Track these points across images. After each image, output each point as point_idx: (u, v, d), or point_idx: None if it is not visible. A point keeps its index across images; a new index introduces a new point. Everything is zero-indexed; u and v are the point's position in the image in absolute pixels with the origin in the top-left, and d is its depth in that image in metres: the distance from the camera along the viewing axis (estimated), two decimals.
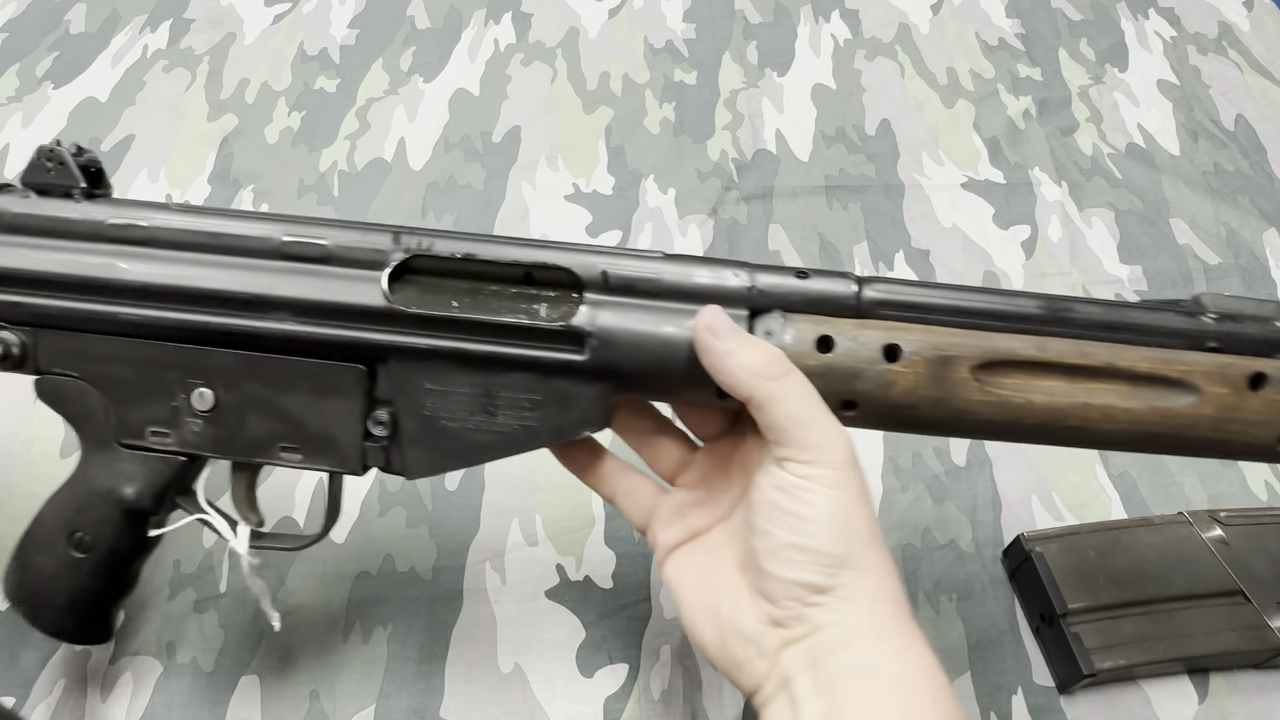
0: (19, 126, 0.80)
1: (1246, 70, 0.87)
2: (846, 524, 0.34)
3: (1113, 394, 0.36)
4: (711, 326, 0.35)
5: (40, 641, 0.51)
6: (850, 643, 0.33)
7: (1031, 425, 0.36)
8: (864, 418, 0.37)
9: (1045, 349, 0.36)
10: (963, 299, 0.37)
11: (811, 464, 0.34)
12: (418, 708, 0.49)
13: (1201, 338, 0.37)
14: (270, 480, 0.58)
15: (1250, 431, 0.36)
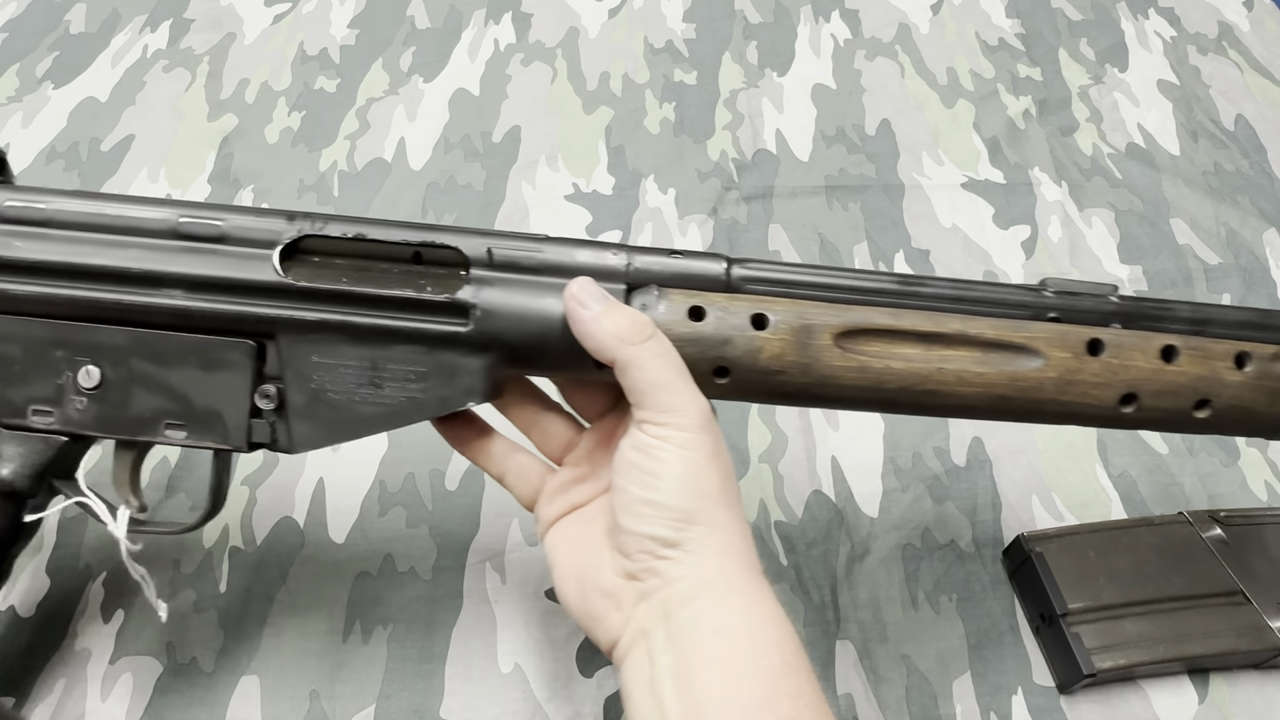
0: (19, 126, 0.80)
1: (1246, 70, 0.87)
2: (696, 481, 0.35)
3: (966, 360, 0.39)
4: (578, 294, 0.36)
5: (40, 641, 0.51)
6: (698, 595, 0.35)
7: (893, 389, 0.38)
8: (737, 385, 0.39)
9: (901, 318, 0.39)
10: (825, 276, 0.39)
11: (666, 425, 0.35)
12: (418, 708, 0.49)
13: (1043, 309, 0.39)
14: (270, 480, 0.58)
15: (1093, 394, 0.39)
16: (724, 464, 0.37)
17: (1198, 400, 0.39)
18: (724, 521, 0.36)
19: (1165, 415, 0.40)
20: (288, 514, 0.56)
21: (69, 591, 0.53)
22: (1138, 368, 0.39)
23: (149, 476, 0.57)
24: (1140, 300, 0.40)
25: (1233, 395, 0.39)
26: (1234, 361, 0.39)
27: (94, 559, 0.54)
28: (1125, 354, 0.39)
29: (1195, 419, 0.40)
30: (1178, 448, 0.60)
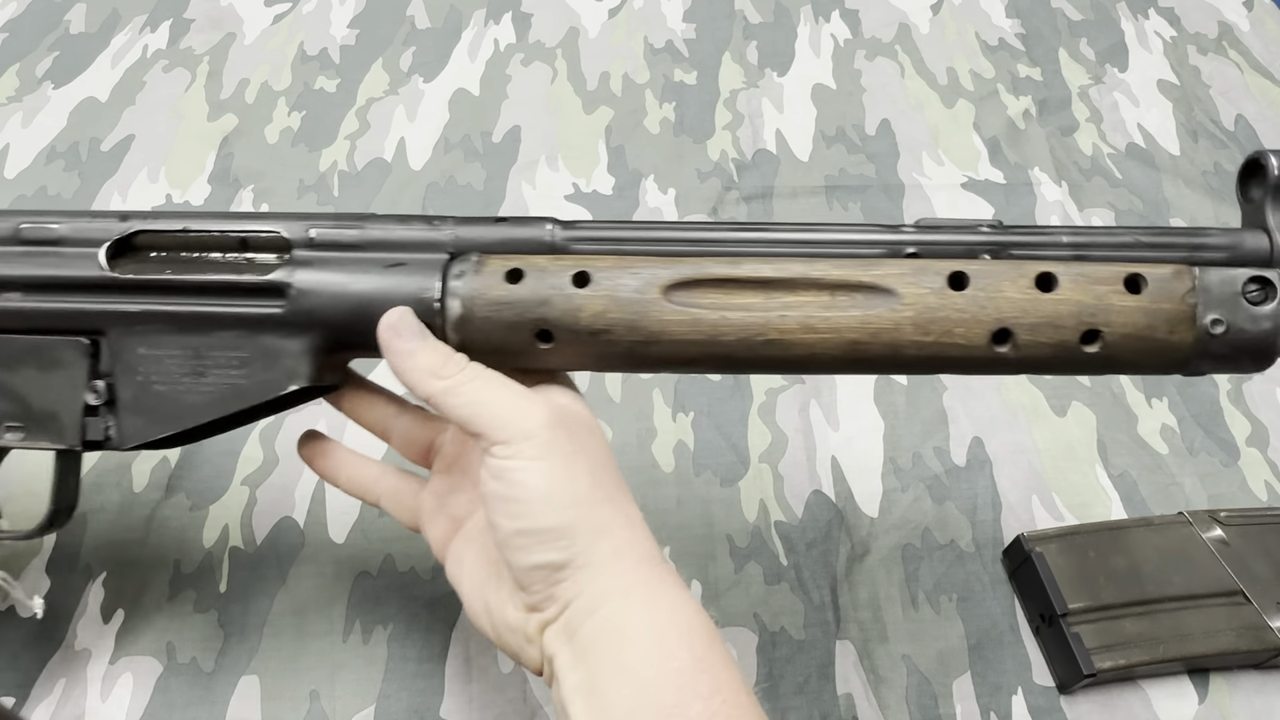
0: (19, 126, 0.80)
1: (1246, 70, 0.87)
2: (561, 491, 0.33)
3: (811, 305, 0.35)
4: (395, 326, 0.35)
5: (40, 641, 0.51)
6: (599, 607, 0.33)
7: (731, 342, 0.35)
8: (563, 351, 0.36)
9: (739, 266, 0.36)
10: (658, 230, 0.37)
11: (510, 441, 0.33)
12: (418, 708, 0.49)
13: (900, 246, 0.36)
14: (270, 480, 0.58)
15: (958, 332, 0.35)
16: (589, 456, 0.35)
17: (1085, 332, 0.34)
18: (607, 520, 0.34)
19: (1049, 352, 0.35)
20: (288, 514, 0.56)
21: (69, 591, 0.53)
22: (1009, 299, 0.35)
23: (149, 476, 0.58)
24: (1013, 228, 0.37)
25: (1126, 323, 0.34)
26: (1125, 285, 0.35)
27: (94, 559, 0.54)
28: (994, 285, 0.35)
29: (1085, 354, 0.35)
30: (1178, 448, 0.60)
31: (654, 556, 0.35)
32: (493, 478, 0.34)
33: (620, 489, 0.36)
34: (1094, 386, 0.63)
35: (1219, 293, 0.34)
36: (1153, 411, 0.62)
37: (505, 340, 0.36)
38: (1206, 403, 0.63)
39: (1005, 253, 0.36)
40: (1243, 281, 0.34)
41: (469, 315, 0.36)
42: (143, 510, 0.56)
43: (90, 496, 0.57)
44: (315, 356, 0.38)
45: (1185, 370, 0.36)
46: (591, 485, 0.34)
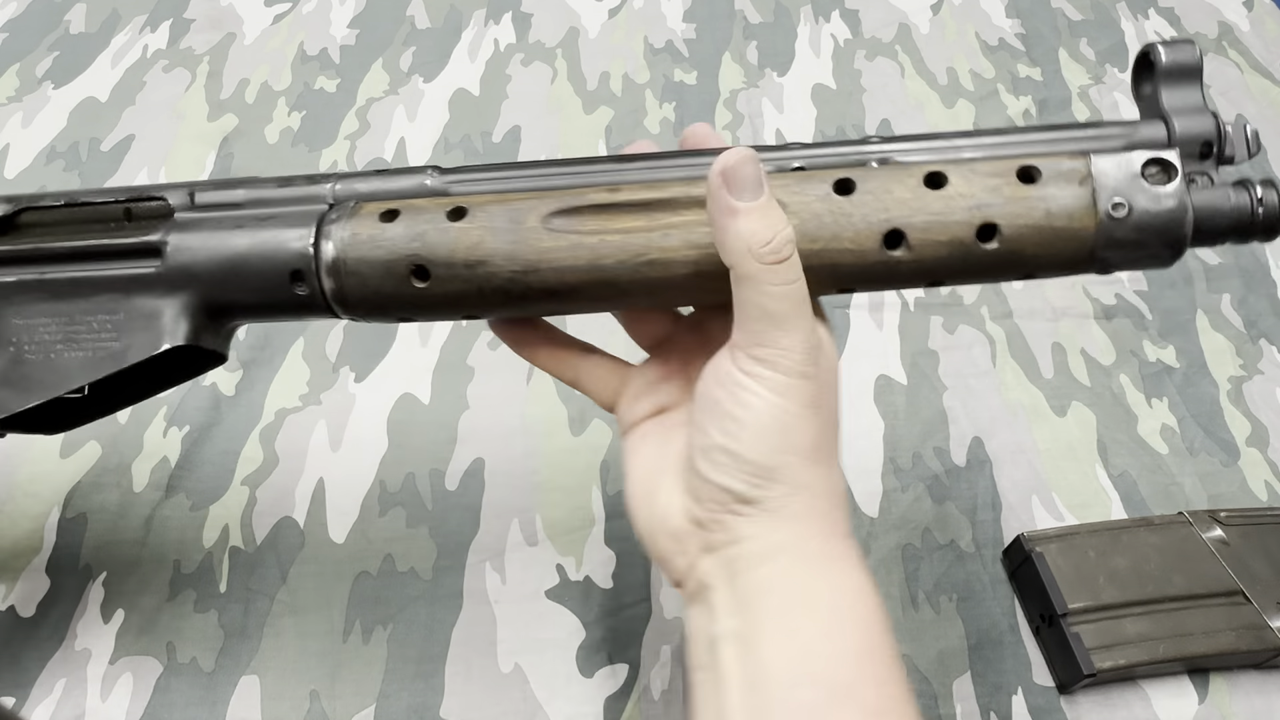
0: (19, 126, 0.80)
1: (1246, 70, 0.87)
2: (785, 435, 0.32)
3: (694, 224, 0.34)
4: (728, 171, 0.31)
5: (40, 641, 0.51)
6: (770, 560, 0.32)
7: (612, 265, 0.34)
8: (441, 288, 0.35)
9: (619, 191, 0.35)
10: (541, 169, 0.37)
11: (761, 362, 0.31)
12: (418, 708, 0.49)
13: (787, 162, 0.36)
14: (270, 480, 0.58)
15: (847, 238, 0.33)
16: (824, 414, 0.33)
17: (980, 226, 0.33)
18: (811, 481, 0.32)
19: (945, 252, 0.33)
20: (288, 514, 0.56)
21: (69, 591, 0.53)
22: (898, 199, 0.33)
23: (149, 476, 0.58)
24: (902, 137, 0.36)
25: (1024, 214, 0.33)
26: (1019, 177, 0.33)
27: (94, 559, 0.54)
28: (882, 187, 0.33)
29: (984, 252, 0.33)
30: (1178, 448, 0.60)
31: (843, 531, 0.33)
32: (719, 384, 0.32)
33: (834, 455, 0.34)
34: (1094, 387, 0.63)
35: (1117, 176, 0.33)
36: (1153, 411, 0.62)
37: (381, 281, 0.35)
38: (1206, 403, 0.63)
39: (893, 160, 0.35)
40: (1141, 163, 0.33)
41: (342, 258, 0.35)
42: (143, 510, 0.56)
43: (90, 496, 0.57)
44: (193, 316, 0.37)
45: (1096, 265, 0.34)
46: (814, 444, 0.32)
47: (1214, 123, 0.35)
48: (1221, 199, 0.34)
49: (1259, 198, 0.34)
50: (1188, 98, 0.35)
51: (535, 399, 0.62)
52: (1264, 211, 0.34)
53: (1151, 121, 0.35)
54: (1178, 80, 0.35)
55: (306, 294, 0.36)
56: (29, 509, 0.56)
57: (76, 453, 0.59)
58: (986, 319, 0.67)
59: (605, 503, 0.57)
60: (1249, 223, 0.34)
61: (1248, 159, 0.35)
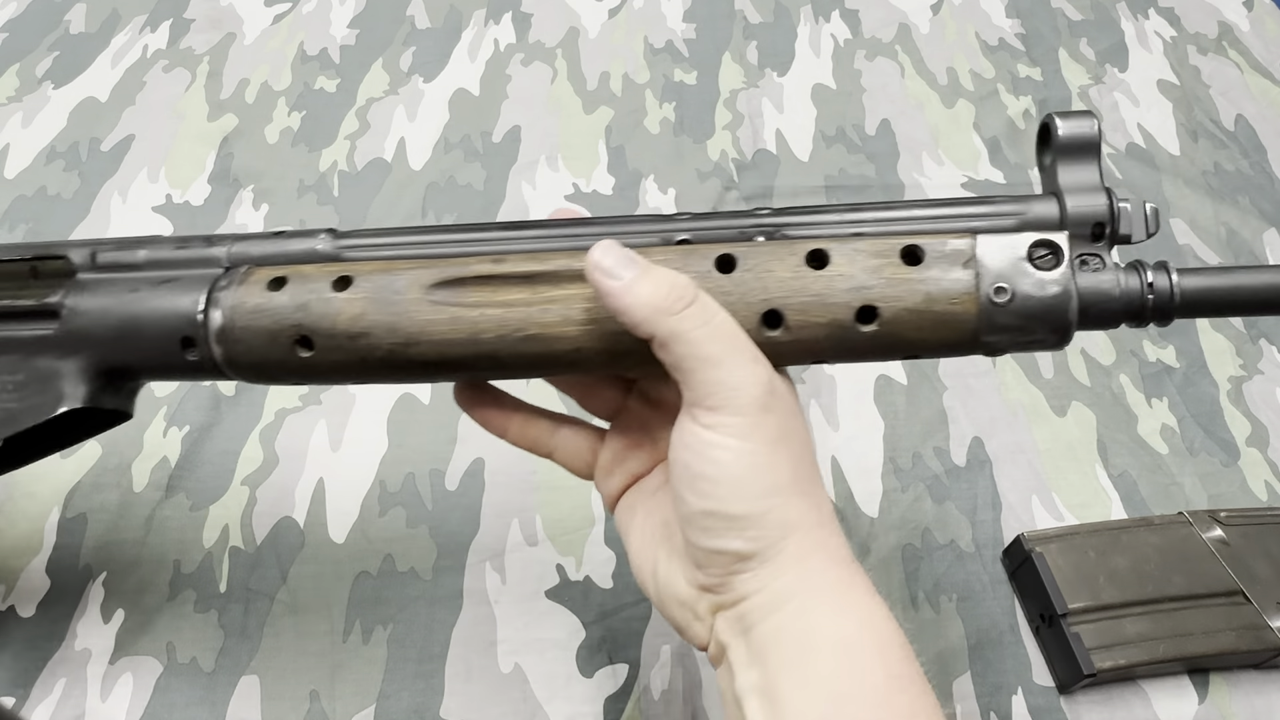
0: (19, 126, 0.80)
1: (1246, 70, 0.87)
2: (760, 478, 0.31)
3: (575, 299, 0.34)
4: (601, 262, 0.31)
5: (40, 641, 0.51)
6: (781, 607, 0.31)
7: (491, 340, 0.34)
8: (325, 356, 0.35)
9: (503, 262, 0.35)
10: (431, 235, 0.37)
11: (718, 410, 0.31)
12: (418, 708, 0.49)
13: (672, 234, 0.36)
14: (270, 480, 0.58)
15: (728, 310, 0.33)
16: (794, 444, 0.32)
17: (859, 309, 0.33)
18: (800, 516, 0.31)
19: (823, 333, 0.33)
20: (288, 514, 0.56)
21: (69, 591, 0.53)
22: (777, 279, 0.33)
23: (149, 476, 0.58)
24: (789, 209, 0.35)
25: (903, 297, 0.33)
26: (902, 258, 0.33)
27: (94, 559, 0.54)
28: (763, 265, 0.33)
29: (862, 334, 0.33)
30: (1178, 448, 0.60)
31: (844, 557, 0.32)
32: (686, 448, 0.32)
33: (815, 481, 0.33)
34: (1094, 387, 0.63)
35: (1001, 259, 0.32)
36: (1153, 411, 0.62)
37: (267, 350, 0.35)
38: (1207, 403, 0.63)
39: (780, 233, 0.35)
40: (1027, 246, 0.32)
41: (229, 325, 0.35)
42: (143, 510, 0.56)
43: (90, 496, 0.57)
44: (91, 378, 0.38)
45: (981, 347, 0.33)
46: (792, 476, 0.31)
47: (1107, 202, 0.34)
48: (1110, 284, 0.33)
49: (1149, 282, 0.33)
50: (1084, 174, 0.34)
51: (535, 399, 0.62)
52: (1154, 298, 0.33)
53: (1044, 198, 0.34)
54: (1074, 155, 0.34)
55: (198, 359, 0.36)
56: (29, 509, 0.56)
57: (76, 453, 0.59)
58: None
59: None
60: (1140, 308, 0.33)
61: (1145, 238, 0.34)
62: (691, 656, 0.51)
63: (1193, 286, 0.33)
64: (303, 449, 0.59)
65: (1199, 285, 0.33)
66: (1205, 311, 0.34)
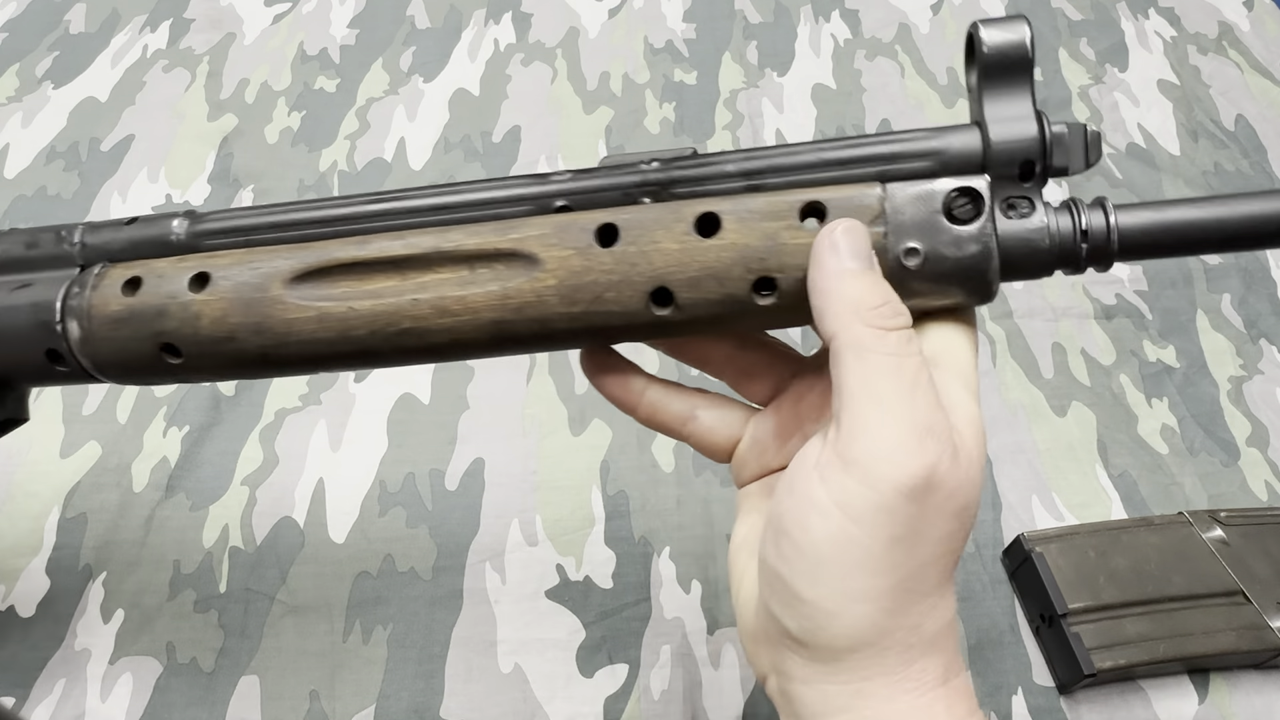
0: (19, 126, 0.80)
1: (1247, 70, 0.87)
2: (848, 576, 0.25)
3: (447, 284, 0.30)
4: (836, 240, 0.27)
5: (40, 641, 0.51)
6: (827, 717, 0.26)
7: (363, 336, 0.31)
8: (191, 366, 0.33)
9: (367, 246, 0.31)
10: (292, 213, 0.33)
11: (849, 466, 0.25)
12: (418, 708, 0.49)
13: (550, 199, 0.31)
14: (270, 480, 0.58)
15: (610, 298, 0.30)
16: (921, 550, 0.25)
17: (756, 281, 0.29)
18: (882, 634, 0.25)
19: (718, 310, 0.30)
20: (288, 514, 0.56)
21: (69, 591, 0.53)
22: (663, 251, 0.29)
23: (149, 476, 0.58)
24: (679, 160, 0.31)
25: (803, 266, 0.29)
26: (801, 215, 0.29)
27: (94, 559, 0.54)
28: (648, 236, 0.29)
29: (760, 308, 0.29)
30: (1178, 448, 0.60)
31: (927, 682, 0.26)
32: (792, 486, 0.27)
33: (928, 596, 0.26)
34: (1094, 387, 0.63)
35: (914, 212, 0.29)
36: (1153, 411, 0.62)
37: (134, 359, 0.33)
38: (1207, 403, 0.63)
39: (668, 192, 0.31)
40: (943, 196, 0.28)
41: (89, 335, 0.33)
42: (143, 510, 0.56)
43: (90, 496, 0.57)
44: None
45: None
46: (895, 588, 0.25)
47: (1038, 133, 0.29)
48: (1038, 232, 0.29)
49: (1083, 228, 0.29)
50: (1013, 97, 0.29)
51: (535, 399, 0.62)
52: (1089, 245, 0.29)
53: (965, 129, 0.30)
54: (1001, 75, 0.29)
55: (68, 370, 0.34)
56: (29, 509, 0.56)
57: (76, 453, 0.59)
58: (986, 319, 0.67)
59: (605, 503, 0.57)
60: (1073, 254, 0.29)
61: (1085, 168, 0.29)
62: (691, 656, 0.51)
63: (1133, 225, 0.29)
64: (303, 449, 0.59)
65: (1140, 223, 0.29)
66: (1149, 252, 0.30)
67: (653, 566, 0.54)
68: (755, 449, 0.34)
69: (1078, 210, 0.29)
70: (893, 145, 0.30)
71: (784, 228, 0.29)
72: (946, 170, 0.29)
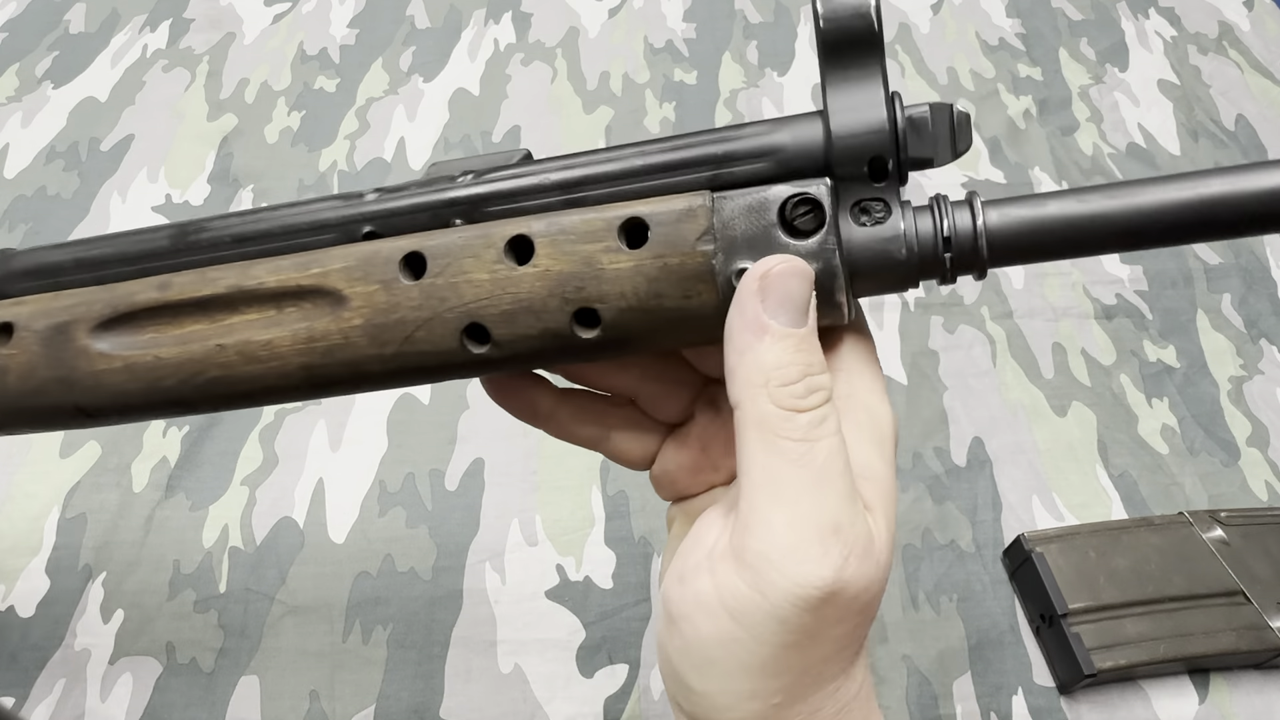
0: (19, 126, 0.80)
1: (1247, 70, 0.87)
2: (736, 677, 0.23)
3: (252, 326, 0.28)
4: (770, 277, 0.24)
5: (40, 641, 0.51)
6: None
7: (172, 386, 0.29)
8: (10, 417, 0.31)
9: (169, 286, 0.29)
10: (93, 249, 0.31)
11: (743, 561, 0.22)
12: (418, 708, 0.49)
13: (357, 225, 0.28)
14: (270, 480, 0.58)
15: (420, 336, 0.27)
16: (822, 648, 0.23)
17: (575, 313, 0.26)
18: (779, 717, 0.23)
19: (539, 345, 0.27)
20: (288, 514, 0.56)
21: (69, 591, 0.53)
22: (474, 283, 0.26)
23: (149, 476, 0.58)
24: (490, 173, 0.28)
25: (624, 294, 0.25)
26: (622, 232, 0.26)
27: (94, 559, 0.54)
28: (456, 266, 0.26)
29: (584, 341, 0.26)
30: (1178, 448, 0.60)
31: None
32: (679, 573, 0.25)
33: (825, 684, 0.24)
34: (1094, 387, 0.63)
35: (746, 228, 0.25)
36: (1153, 411, 0.62)
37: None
38: (1207, 403, 0.63)
39: (480, 211, 0.27)
40: (778, 206, 0.24)
41: None
42: (143, 510, 0.56)
43: (90, 496, 0.57)
44: None
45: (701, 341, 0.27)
46: (784, 687, 0.23)
47: (888, 120, 0.25)
48: (893, 240, 0.25)
49: (945, 233, 0.25)
50: (858, 82, 0.25)
51: None
52: (953, 251, 0.25)
53: (806, 119, 0.26)
54: (843, 54, 0.25)
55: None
56: (29, 509, 0.56)
57: (76, 453, 0.59)
58: (987, 319, 0.67)
59: (605, 503, 0.57)
60: (937, 262, 0.25)
61: (952, 157, 0.25)
62: None
63: (1003, 225, 0.25)
64: (302, 449, 0.59)
65: (1011, 222, 0.25)
66: (1028, 255, 0.25)
67: (653, 566, 0.54)
68: (667, 478, 0.32)
69: (942, 210, 0.25)
70: (725, 144, 0.26)
71: (602, 250, 0.25)
72: (786, 172, 0.25)
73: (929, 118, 0.25)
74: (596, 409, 0.32)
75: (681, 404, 0.31)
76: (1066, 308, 0.67)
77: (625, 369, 0.31)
